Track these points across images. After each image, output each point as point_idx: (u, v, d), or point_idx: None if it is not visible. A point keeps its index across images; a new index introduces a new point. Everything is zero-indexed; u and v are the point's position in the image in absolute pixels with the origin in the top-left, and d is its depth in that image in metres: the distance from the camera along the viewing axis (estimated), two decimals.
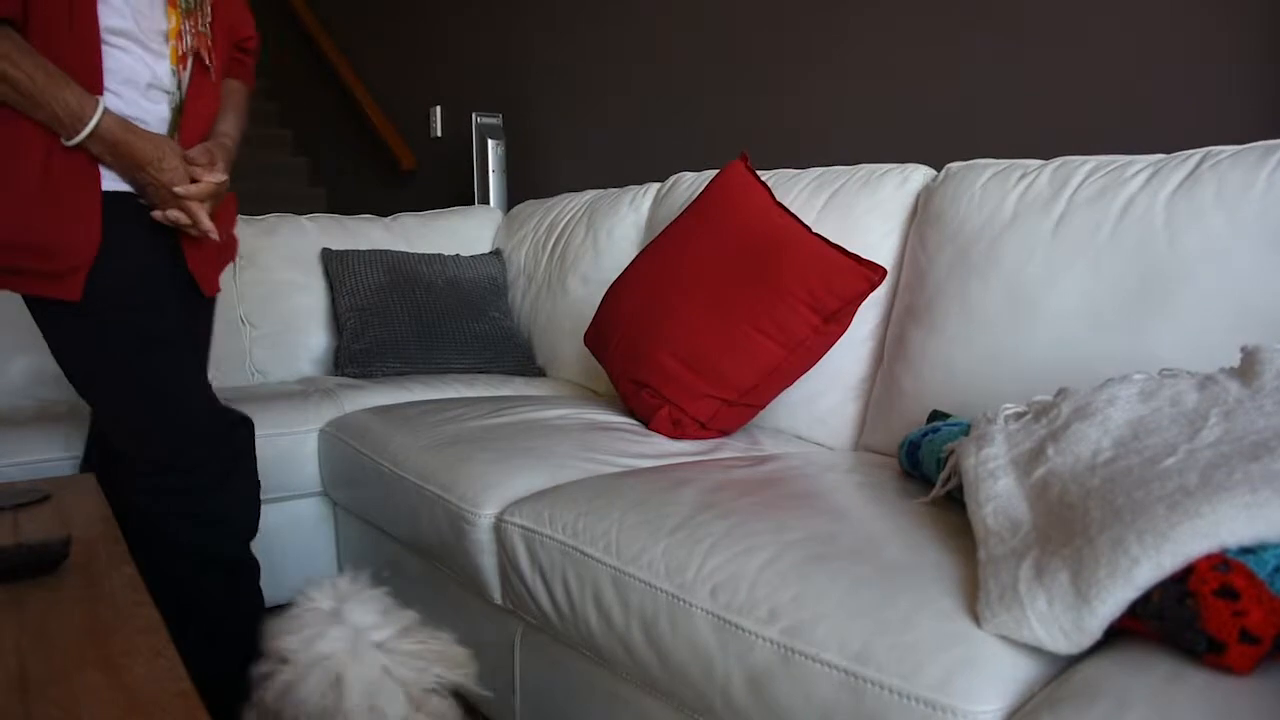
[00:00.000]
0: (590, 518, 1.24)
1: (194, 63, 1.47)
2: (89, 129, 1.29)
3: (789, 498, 1.24)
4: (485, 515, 1.41)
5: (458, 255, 2.63)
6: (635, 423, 1.74)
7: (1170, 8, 1.64)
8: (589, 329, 1.93)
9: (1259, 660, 0.72)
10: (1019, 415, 1.08)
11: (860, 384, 1.71)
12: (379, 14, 4.14)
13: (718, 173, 1.83)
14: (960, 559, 0.96)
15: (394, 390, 2.14)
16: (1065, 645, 0.79)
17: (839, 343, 1.62)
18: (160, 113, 1.43)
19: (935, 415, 1.41)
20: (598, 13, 2.93)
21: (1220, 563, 0.74)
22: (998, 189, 1.55)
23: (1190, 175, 1.34)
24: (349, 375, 2.32)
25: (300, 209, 2.84)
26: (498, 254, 2.70)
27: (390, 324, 2.37)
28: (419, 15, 3.86)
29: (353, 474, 1.84)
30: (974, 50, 1.93)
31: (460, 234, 2.81)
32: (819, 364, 1.65)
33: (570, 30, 3.06)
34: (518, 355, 2.44)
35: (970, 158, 1.69)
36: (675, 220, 1.84)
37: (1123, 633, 0.81)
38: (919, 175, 1.75)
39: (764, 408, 1.69)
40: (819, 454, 1.60)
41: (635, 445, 1.59)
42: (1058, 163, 1.52)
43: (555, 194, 2.74)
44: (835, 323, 1.58)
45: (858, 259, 1.56)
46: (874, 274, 1.55)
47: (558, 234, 2.54)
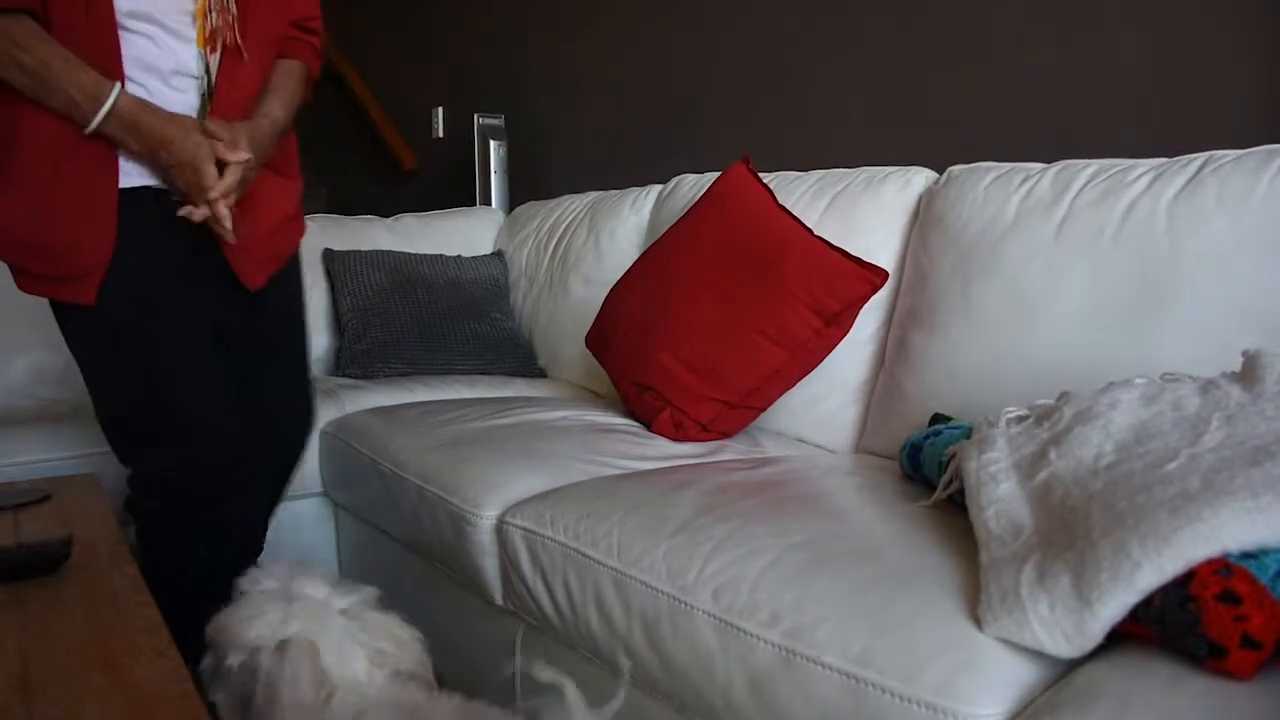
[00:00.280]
0: (592, 519, 1.24)
1: (225, 48, 1.37)
2: (106, 108, 1.24)
3: (790, 500, 1.24)
4: (487, 516, 1.42)
5: (459, 256, 2.63)
6: (637, 425, 1.74)
7: (1172, 11, 1.64)
8: (590, 330, 1.93)
9: (1260, 665, 0.72)
10: (1021, 419, 1.08)
11: (861, 387, 1.71)
12: (381, 14, 4.14)
13: (720, 175, 1.82)
14: (962, 562, 0.96)
15: (395, 391, 2.14)
16: (1066, 649, 0.79)
17: (840, 345, 1.62)
18: (187, 101, 1.36)
19: (937, 418, 1.41)
20: (600, 14, 2.93)
21: (1222, 567, 0.74)
22: (1000, 192, 1.55)
23: (1192, 179, 1.34)
24: (350, 376, 2.32)
25: None
26: (499, 255, 2.70)
27: (392, 325, 2.37)
28: (421, 16, 3.87)
29: (354, 475, 1.84)
30: (976, 53, 1.93)
31: (462, 235, 2.81)
32: (820, 366, 1.64)
33: (573, 31, 3.06)
34: (519, 356, 2.44)
35: (972, 161, 1.69)
36: (677, 222, 1.84)
37: (1124, 637, 0.81)
38: (921, 178, 1.75)
39: (765, 410, 1.68)
40: (820, 456, 1.60)
41: (637, 447, 1.59)
42: (1059, 166, 1.52)
43: (557, 195, 2.74)
44: (837, 325, 1.58)
45: (859, 262, 1.56)
46: (875, 277, 1.55)
47: (559, 235, 2.54)
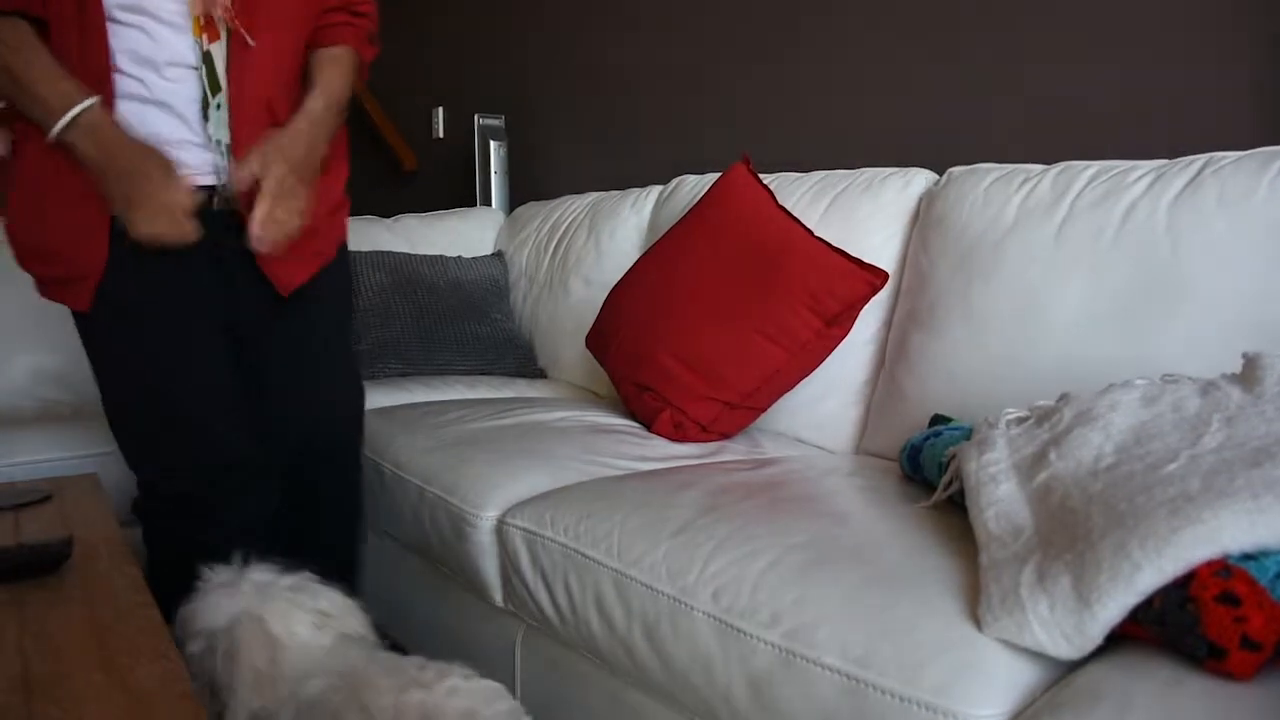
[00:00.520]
0: (592, 520, 1.24)
1: (230, 35, 1.31)
2: (73, 113, 1.21)
3: (790, 501, 1.24)
4: (487, 517, 1.42)
5: (459, 257, 2.63)
6: (637, 425, 1.74)
7: (1173, 13, 1.64)
8: (591, 331, 1.93)
9: (1260, 666, 0.72)
10: (1021, 420, 1.08)
11: (862, 388, 1.71)
12: (381, 15, 4.13)
13: (720, 176, 1.83)
14: (962, 563, 0.96)
15: (395, 392, 2.14)
16: (1067, 650, 0.79)
17: (840, 346, 1.62)
18: (184, 92, 1.31)
19: (937, 419, 1.41)
20: (600, 15, 2.93)
21: (1222, 569, 0.74)
22: (1000, 194, 1.55)
23: (1192, 181, 1.34)
24: None
25: None
26: (499, 256, 2.70)
27: (392, 325, 2.37)
28: (421, 16, 3.87)
29: None
30: (976, 54, 1.93)
31: (462, 235, 2.81)
32: (820, 367, 1.65)
33: (573, 32, 3.06)
34: (519, 357, 2.44)
35: (972, 162, 1.69)
36: (677, 223, 1.84)
37: (1124, 638, 0.81)
38: (921, 179, 1.75)
39: (765, 411, 1.69)
40: (820, 457, 1.60)
41: (637, 448, 1.59)
42: (1060, 168, 1.52)
43: (557, 196, 2.74)
44: (837, 326, 1.58)
45: (859, 263, 1.56)
46: (876, 278, 1.55)
47: (560, 236, 2.54)
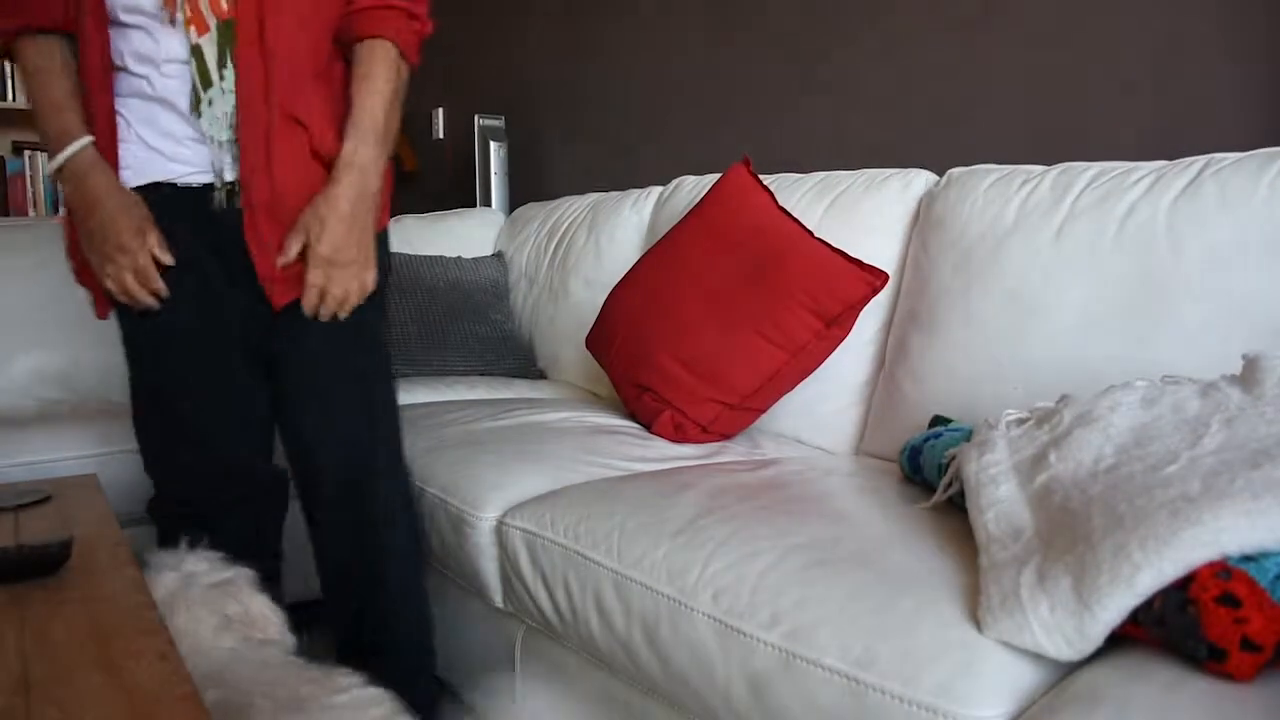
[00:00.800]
0: (592, 521, 1.24)
1: (237, 32, 1.25)
2: (62, 159, 1.25)
3: (790, 502, 1.24)
4: (487, 518, 1.42)
5: (459, 257, 2.63)
6: (637, 426, 1.74)
7: (1172, 14, 1.64)
8: (591, 332, 1.93)
9: (1260, 668, 0.72)
10: (1021, 421, 1.08)
11: (862, 388, 1.71)
12: None
13: (720, 176, 1.83)
14: (962, 564, 0.96)
15: None
16: (1067, 651, 0.79)
17: (840, 347, 1.62)
18: (179, 88, 1.27)
19: (937, 420, 1.42)
20: (600, 16, 2.93)
21: (1222, 570, 0.74)
22: (1000, 195, 1.55)
23: (1192, 182, 1.34)
24: None
25: None
26: (499, 256, 2.70)
27: (392, 326, 2.37)
28: None
29: None
30: (976, 55, 1.93)
31: (462, 236, 2.81)
32: (820, 368, 1.65)
33: (573, 33, 3.06)
34: (519, 358, 2.44)
35: (972, 163, 1.69)
36: (677, 224, 1.84)
37: (1124, 639, 0.81)
38: (921, 180, 1.75)
39: (765, 412, 1.69)
40: (820, 458, 1.60)
41: (637, 449, 1.59)
42: (1060, 169, 1.52)
43: (557, 197, 2.74)
44: (837, 327, 1.58)
45: (860, 264, 1.56)
46: (876, 279, 1.55)
47: (559, 237, 2.54)
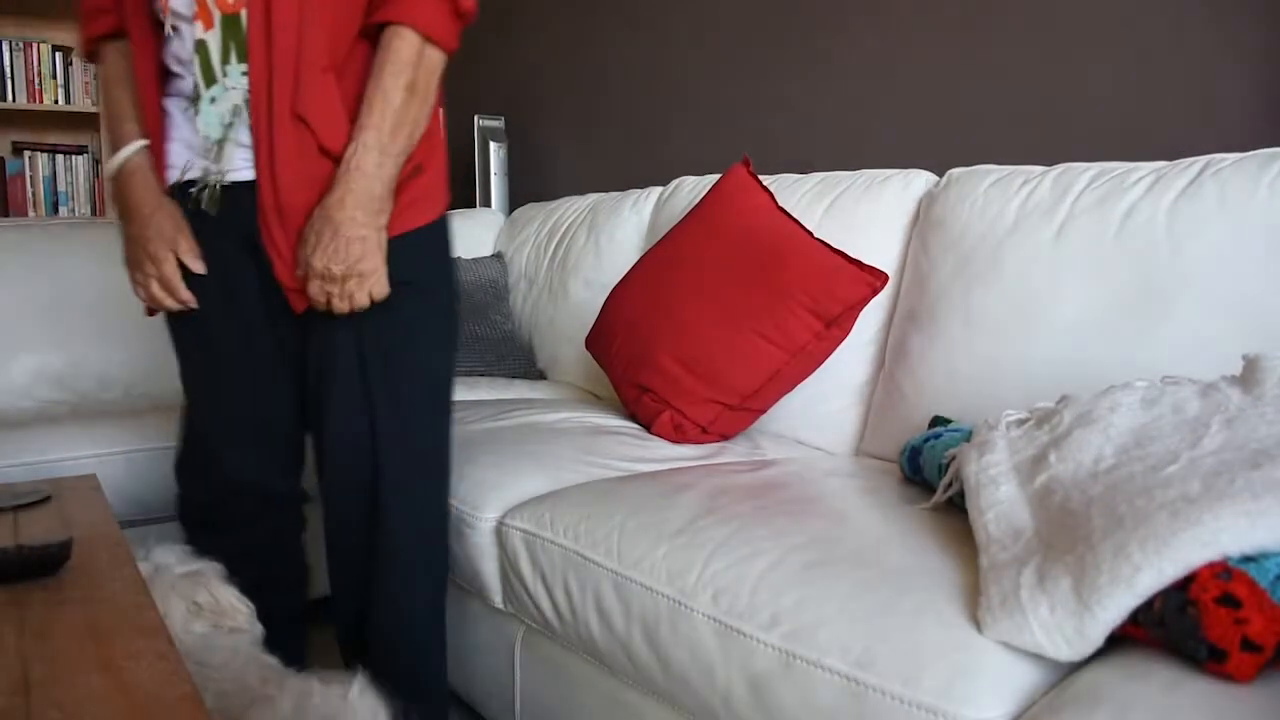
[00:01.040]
0: (592, 522, 1.24)
1: (247, 26, 1.16)
2: (115, 164, 1.27)
3: (790, 503, 1.24)
4: (486, 519, 1.42)
5: (459, 258, 2.63)
6: (636, 427, 1.74)
7: (1172, 14, 1.64)
8: (590, 332, 1.93)
9: (1260, 668, 0.72)
10: (1021, 422, 1.08)
11: (861, 389, 1.71)
12: None
13: (720, 177, 1.83)
14: (962, 565, 0.96)
15: None
16: (1067, 652, 0.79)
17: (840, 347, 1.62)
18: (186, 88, 1.24)
19: (937, 421, 1.42)
20: (600, 16, 2.94)
21: (1222, 570, 0.74)
22: (1000, 195, 1.55)
23: (1192, 183, 1.34)
24: None
25: None
26: (499, 257, 2.70)
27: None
28: None
29: None
30: (976, 56, 1.93)
31: (462, 237, 2.77)
32: (820, 369, 1.65)
33: (573, 33, 3.06)
34: (519, 358, 2.44)
35: (972, 163, 1.69)
36: (677, 224, 1.84)
37: (1124, 640, 0.81)
38: (921, 181, 1.75)
39: (765, 412, 1.69)
40: (820, 459, 1.60)
41: (637, 449, 1.59)
42: (1060, 169, 1.52)
43: (557, 197, 2.74)
44: (837, 327, 1.58)
45: (859, 264, 1.56)
46: (876, 279, 1.55)
47: (559, 237, 2.54)
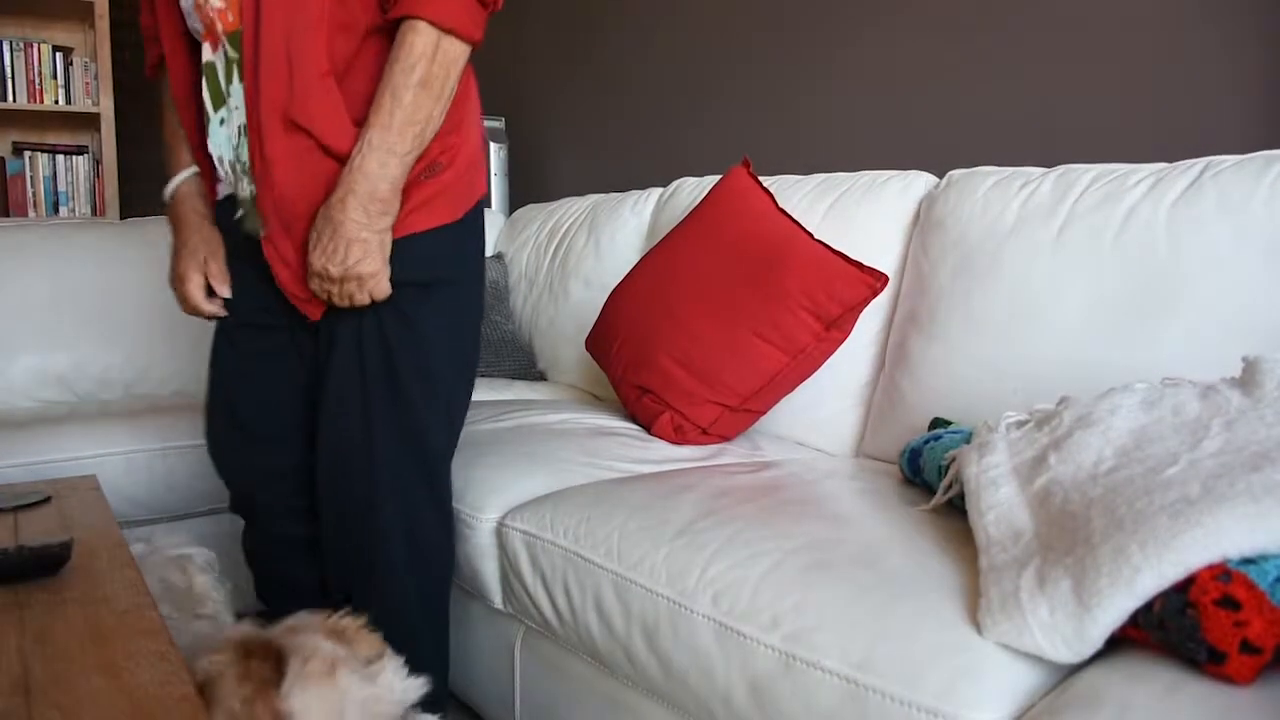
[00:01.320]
0: (592, 523, 1.24)
1: (236, 39, 1.16)
2: (168, 192, 1.36)
3: (790, 504, 1.24)
4: (486, 520, 1.42)
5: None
6: (637, 428, 1.74)
7: (1172, 16, 1.64)
8: (591, 333, 1.93)
9: (1260, 670, 0.72)
10: (1021, 423, 1.08)
11: (862, 390, 1.71)
12: None
13: (720, 178, 1.83)
14: (962, 567, 0.97)
15: None
16: (1067, 654, 0.79)
17: (840, 349, 1.62)
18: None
19: (936, 422, 1.42)
20: (601, 17, 2.94)
21: (1222, 573, 0.74)
22: (1000, 197, 1.55)
23: (1192, 185, 1.34)
24: None
25: None
26: (499, 258, 2.70)
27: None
28: None
29: None
30: (976, 57, 1.93)
31: None
32: (820, 370, 1.65)
33: (573, 34, 3.06)
34: (519, 359, 2.44)
35: (972, 165, 1.69)
36: (678, 225, 1.84)
37: (1124, 642, 0.81)
38: (921, 182, 1.75)
39: (765, 414, 1.69)
40: (820, 460, 1.60)
41: (637, 450, 1.59)
42: (1060, 171, 1.52)
43: (557, 198, 2.74)
44: (837, 329, 1.58)
45: (860, 265, 1.56)
46: (876, 281, 1.55)
47: (560, 238, 2.54)
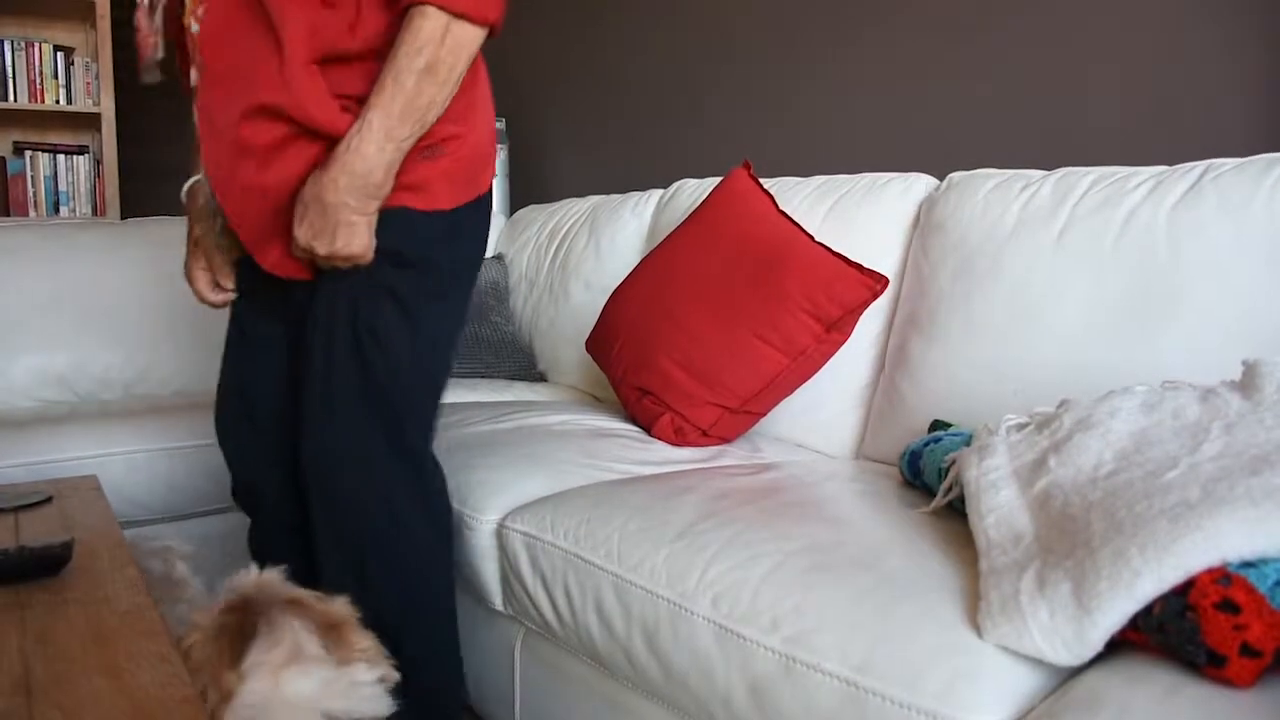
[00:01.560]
0: (592, 525, 1.24)
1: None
2: (185, 189, 1.39)
3: (790, 506, 1.24)
4: (487, 521, 1.42)
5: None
6: (637, 429, 1.74)
7: (1172, 19, 1.65)
8: (591, 335, 1.93)
9: (1259, 674, 0.72)
10: (1021, 426, 1.08)
11: (862, 392, 1.71)
12: None
13: (721, 180, 1.83)
14: (962, 569, 0.97)
15: None
16: (1066, 656, 0.79)
17: (841, 351, 1.62)
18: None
19: (936, 425, 1.42)
20: (601, 18, 2.94)
21: (1221, 576, 0.74)
22: (1000, 199, 1.55)
23: (1192, 188, 1.34)
24: None
25: None
26: (500, 259, 2.71)
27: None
28: None
29: None
30: (976, 58, 1.93)
31: None
32: (821, 372, 1.65)
33: (574, 35, 3.06)
34: (519, 360, 2.44)
35: (973, 167, 1.69)
36: (678, 227, 1.84)
37: (1123, 645, 0.81)
38: (921, 184, 1.75)
39: (765, 415, 1.69)
40: (820, 462, 1.60)
41: (637, 452, 1.59)
42: (1060, 174, 1.52)
43: (558, 199, 2.74)
44: (837, 331, 1.58)
45: (860, 267, 1.56)
46: (876, 283, 1.55)
47: (560, 239, 2.54)
